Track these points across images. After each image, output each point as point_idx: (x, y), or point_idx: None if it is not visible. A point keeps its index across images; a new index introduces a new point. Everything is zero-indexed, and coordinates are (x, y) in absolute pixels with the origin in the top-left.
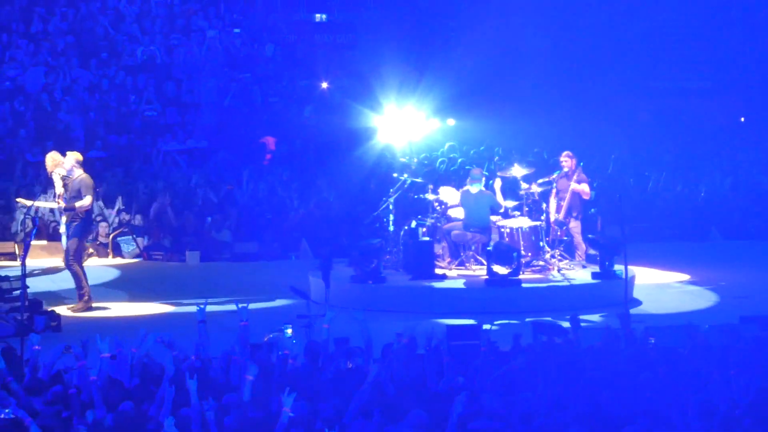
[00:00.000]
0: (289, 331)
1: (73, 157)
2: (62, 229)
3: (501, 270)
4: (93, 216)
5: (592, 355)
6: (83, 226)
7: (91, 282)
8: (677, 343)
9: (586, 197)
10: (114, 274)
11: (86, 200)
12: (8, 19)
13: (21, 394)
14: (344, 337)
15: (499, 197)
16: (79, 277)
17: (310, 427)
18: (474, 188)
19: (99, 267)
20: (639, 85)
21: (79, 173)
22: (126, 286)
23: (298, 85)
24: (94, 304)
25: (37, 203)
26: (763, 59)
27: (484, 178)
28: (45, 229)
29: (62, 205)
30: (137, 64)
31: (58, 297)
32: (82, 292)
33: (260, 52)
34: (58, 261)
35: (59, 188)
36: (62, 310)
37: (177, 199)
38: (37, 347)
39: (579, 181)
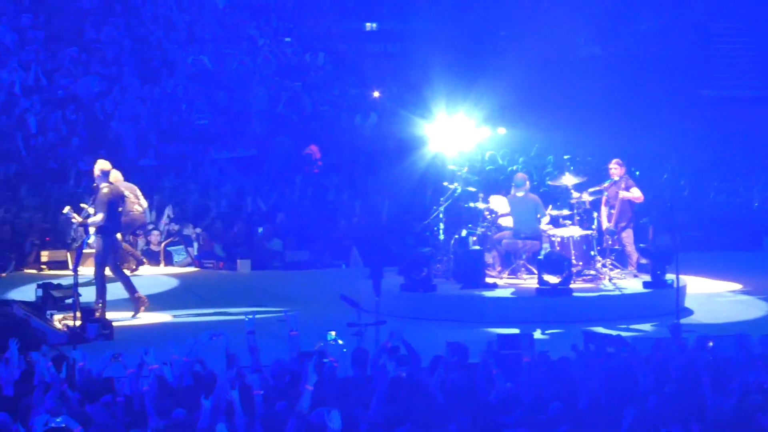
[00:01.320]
0: (333, 333)
1: (98, 166)
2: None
3: (552, 279)
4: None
5: (643, 365)
6: (105, 240)
7: (144, 291)
8: (728, 353)
9: (638, 201)
10: (167, 282)
11: (97, 217)
12: (61, 28)
13: (74, 402)
14: (395, 346)
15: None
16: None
17: None
18: (520, 193)
19: (151, 276)
20: (690, 93)
21: (102, 184)
22: (178, 294)
23: (349, 94)
24: (146, 312)
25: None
26: None
27: (528, 183)
28: None
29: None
30: (188, 73)
31: (110, 305)
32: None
33: (311, 60)
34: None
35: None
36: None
37: (228, 208)
38: (81, 364)
39: (627, 188)
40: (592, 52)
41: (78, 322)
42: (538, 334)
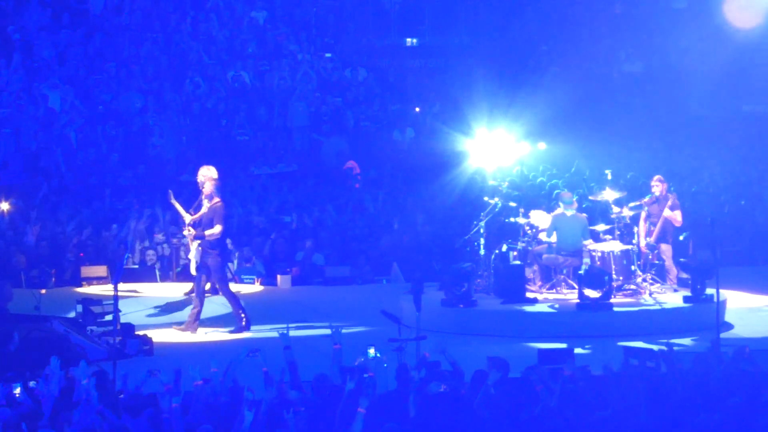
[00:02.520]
0: (372, 351)
1: (211, 176)
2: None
3: (592, 294)
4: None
5: (684, 379)
6: (222, 254)
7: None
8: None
9: (677, 224)
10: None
11: (215, 229)
12: (101, 43)
13: (113, 419)
14: (435, 361)
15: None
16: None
17: None
18: (569, 212)
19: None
20: (730, 108)
21: (216, 197)
22: (217, 309)
23: (390, 110)
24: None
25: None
26: None
27: (576, 202)
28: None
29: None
30: (229, 89)
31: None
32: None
33: (352, 76)
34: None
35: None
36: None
37: (268, 224)
38: (85, 381)
39: (672, 208)
40: (632, 67)
41: (118, 338)
42: (578, 349)
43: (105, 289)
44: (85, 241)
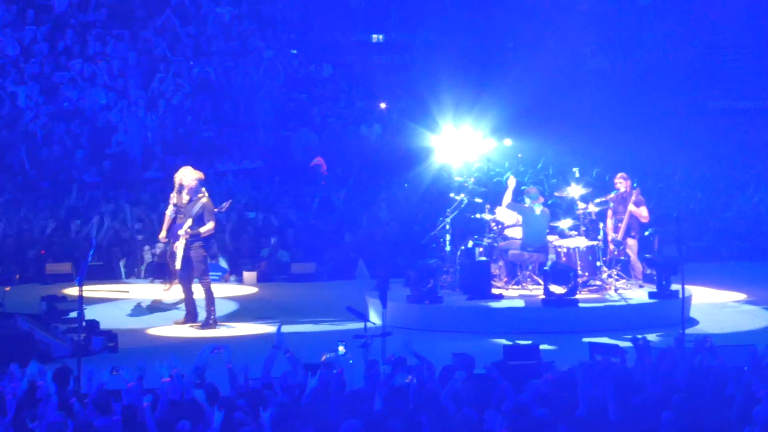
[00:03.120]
0: (342, 348)
1: (194, 176)
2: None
3: (558, 290)
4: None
5: (648, 375)
6: (207, 249)
7: (150, 304)
8: (735, 363)
9: (644, 221)
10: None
11: (209, 225)
12: (66, 40)
13: (81, 415)
14: (401, 357)
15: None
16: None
17: None
18: (537, 208)
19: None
20: (696, 105)
21: (201, 194)
22: (182, 306)
23: (356, 106)
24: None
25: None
26: None
27: (541, 197)
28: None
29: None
30: (194, 85)
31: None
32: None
33: (318, 72)
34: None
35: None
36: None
37: (233, 220)
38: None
39: (637, 204)
40: (598, 63)
41: (83, 335)
42: (544, 346)
43: (94, 289)
44: (50, 238)
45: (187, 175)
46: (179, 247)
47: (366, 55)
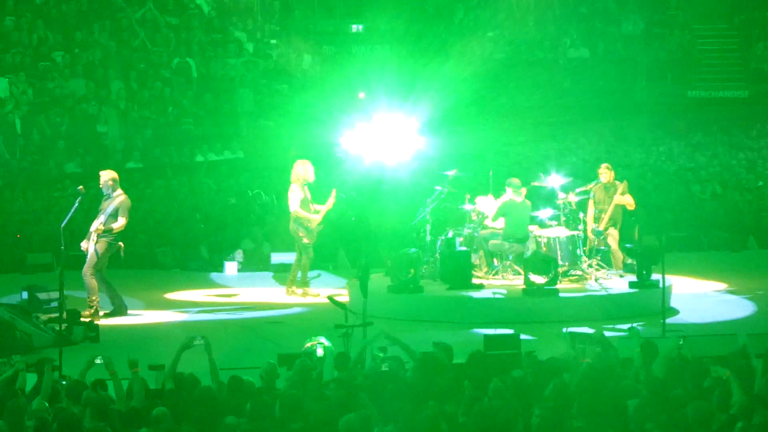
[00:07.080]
0: (321, 339)
1: (110, 176)
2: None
3: (538, 279)
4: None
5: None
6: (111, 245)
7: None
8: (715, 353)
9: (631, 208)
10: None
11: (121, 222)
12: (46, 30)
13: (60, 406)
14: (381, 347)
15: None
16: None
17: None
18: (518, 197)
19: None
20: (675, 94)
21: (118, 192)
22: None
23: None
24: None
25: None
26: None
27: (524, 188)
28: None
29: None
30: (174, 75)
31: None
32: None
33: (297, 62)
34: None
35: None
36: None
37: (213, 210)
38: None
39: (624, 193)
40: (578, 53)
41: (64, 325)
42: (524, 335)
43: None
44: (30, 228)
45: (103, 176)
46: (90, 242)
47: (346, 45)
